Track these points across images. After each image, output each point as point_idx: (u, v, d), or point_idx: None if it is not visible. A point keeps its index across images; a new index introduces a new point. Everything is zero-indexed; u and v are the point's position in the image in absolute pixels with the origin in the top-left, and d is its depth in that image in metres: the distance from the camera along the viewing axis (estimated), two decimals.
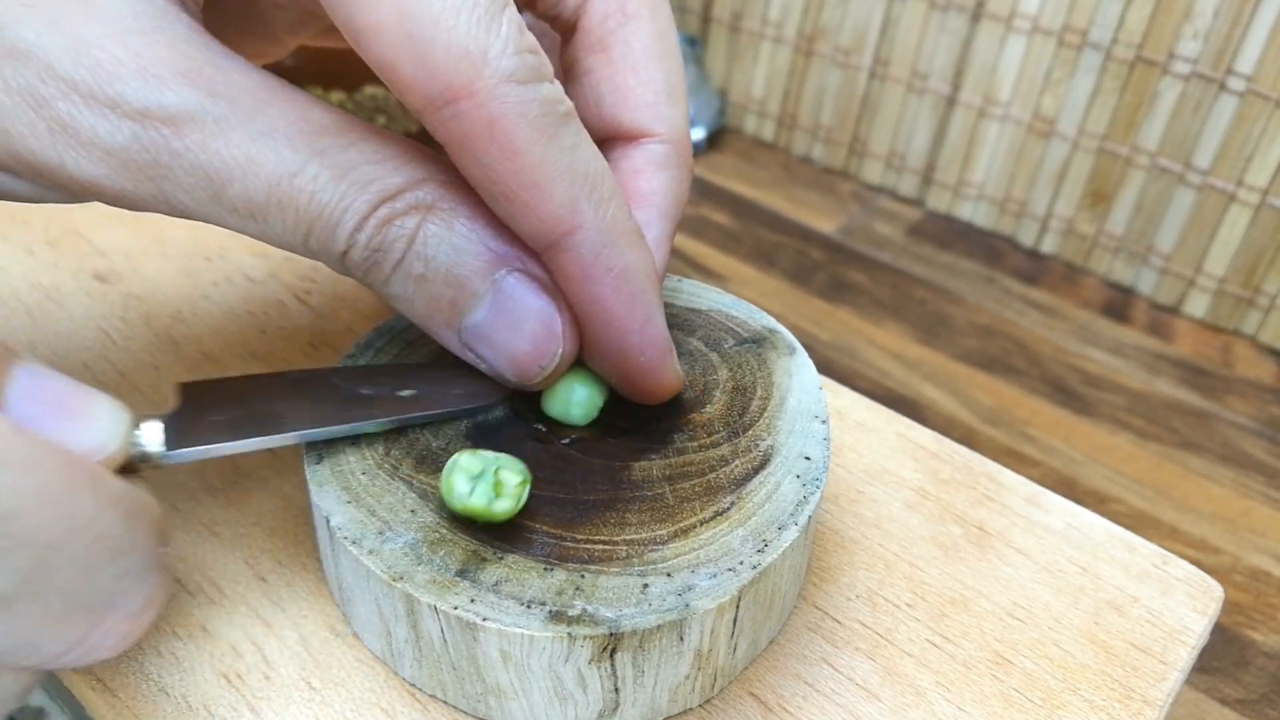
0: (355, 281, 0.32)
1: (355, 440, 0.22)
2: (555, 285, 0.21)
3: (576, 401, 0.22)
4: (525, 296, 0.21)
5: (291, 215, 0.19)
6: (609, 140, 0.24)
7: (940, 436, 0.29)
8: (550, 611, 0.19)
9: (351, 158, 0.19)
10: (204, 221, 0.20)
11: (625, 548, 0.20)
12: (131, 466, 0.19)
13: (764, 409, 0.24)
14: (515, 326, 0.21)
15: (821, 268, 0.65)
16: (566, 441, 0.22)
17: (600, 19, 0.23)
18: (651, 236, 0.23)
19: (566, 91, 0.24)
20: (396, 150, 0.20)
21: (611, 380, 0.23)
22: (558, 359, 0.22)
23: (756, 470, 0.22)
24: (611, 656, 0.19)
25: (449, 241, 0.20)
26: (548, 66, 0.19)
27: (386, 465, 0.22)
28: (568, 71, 0.24)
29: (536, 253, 0.21)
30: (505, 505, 0.20)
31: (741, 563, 0.20)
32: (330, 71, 0.36)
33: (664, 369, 0.22)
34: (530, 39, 0.19)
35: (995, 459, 0.29)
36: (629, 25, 0.23)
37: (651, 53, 0.23)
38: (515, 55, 0.18)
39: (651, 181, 0.23)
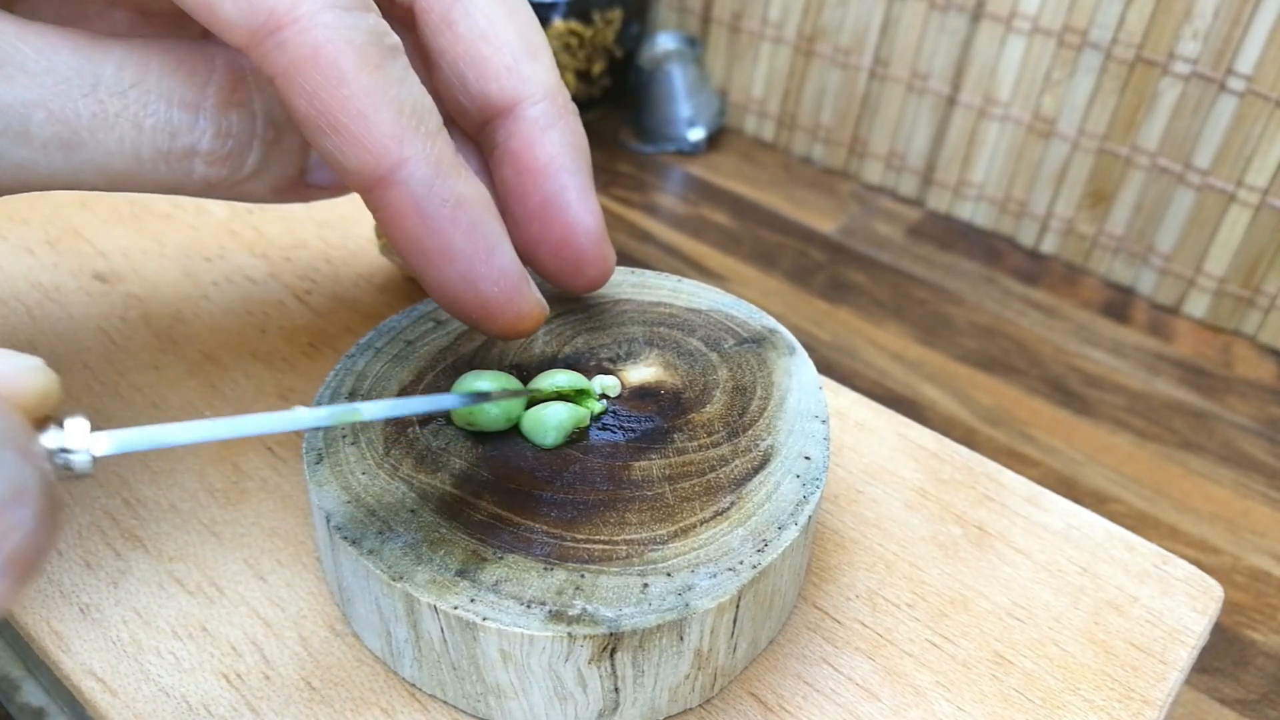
0: (354, 280, 0.32)
1: (355, 439, 0.22)
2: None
3: (554, 425, 0.22)
4: None
5: (116, 126, 0.19)
6: (488, 121, 0.23)
7: (940, 436, 0.29)
8: (550, 611, 0.19)
9: (143, 57, 0.19)
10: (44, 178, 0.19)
11: (625, 547, 0.20)
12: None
13: (764, 409, 0.24)
14: None
15: (822, 268, 0.65)
16: (566, 442, 0.22)
17: None
18: (572, 199, 0.23)
19: (431, 80, 0.24)
20: (181, 45, 0.20)
21: (470, 319, 0.22)
22: None
23: (756, 470, 0.22)
24: (611, 656, 0.19)
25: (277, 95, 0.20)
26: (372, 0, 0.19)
27: (386, 465, 0.22)
28: (425, 62, 0.23)
29: (364, 191, 0.20)
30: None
31: (741, 562, 0.20)
32: None
33: (521, 298, 0.22)
34: None
35: (995, 459, 0.29)
36: None
37: (496, 16, 0.23)
38: None
39: (545, 147, 0.23)
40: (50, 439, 0.16)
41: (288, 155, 0.21)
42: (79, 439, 0.16)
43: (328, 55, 0.18)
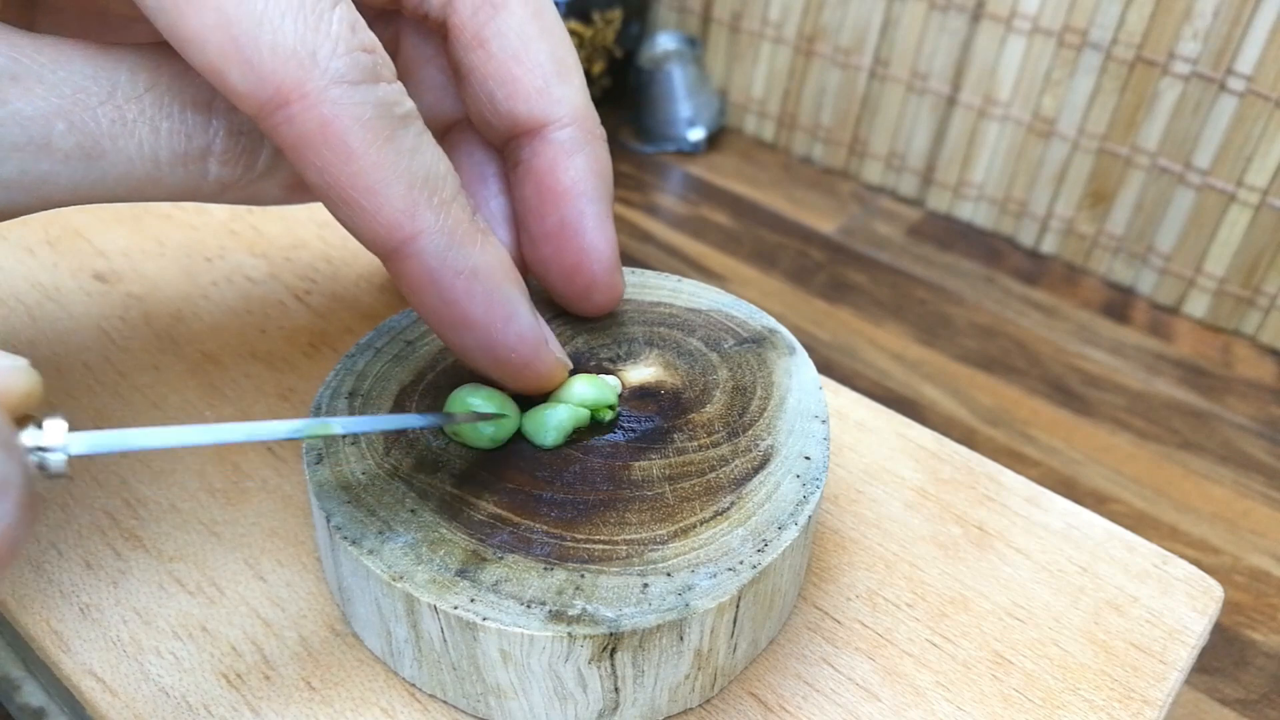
0: (354, 280, 0.32)
1: (355, 440, 0.22)
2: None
3: (554, 425, 0.22)
4: None
5: (135, 131, 0.19)
6: (515, 138, 0.23)
7: (940, 436, 0.29)
8: (550, 611, 0.19)
9: (153, 64, 0.19)
10: (74, 195, 0.19)
11: (625, 547, 0.20)
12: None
13: (764, 409, 0.24)
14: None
15: (822, 268, 0.65)
16: (566, 441, 0.22)
17: (470, 14, 0.22)
18: (589, 225, 0.23)
19: (460, 94, 0.24)
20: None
21: (491, 379, 0.22)
22: None
23: (756, 470, 0.22)
24: (611, 656, 0.19)
25: None
26: (386, 67, 0.19)
27: (386, 465, 0.22)
28: (457, 74, 0.23)
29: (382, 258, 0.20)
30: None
31: (741, 562, 0.20)
32: None
33: (539, 362, 0.22)
34: (366, 37, 0.19)
35: (995, 459, 0.29)
36: (500, 15, 0.22)
37: (529, 36, 0.22)
38: (346, 55, 0.18)
39: (569, 171, 0.23)
40: (29, 437, 0.16)
41: None
42: (56, 438, 0.16)
43: (335, 132, 0.18)
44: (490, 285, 0.20)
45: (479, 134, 0.25)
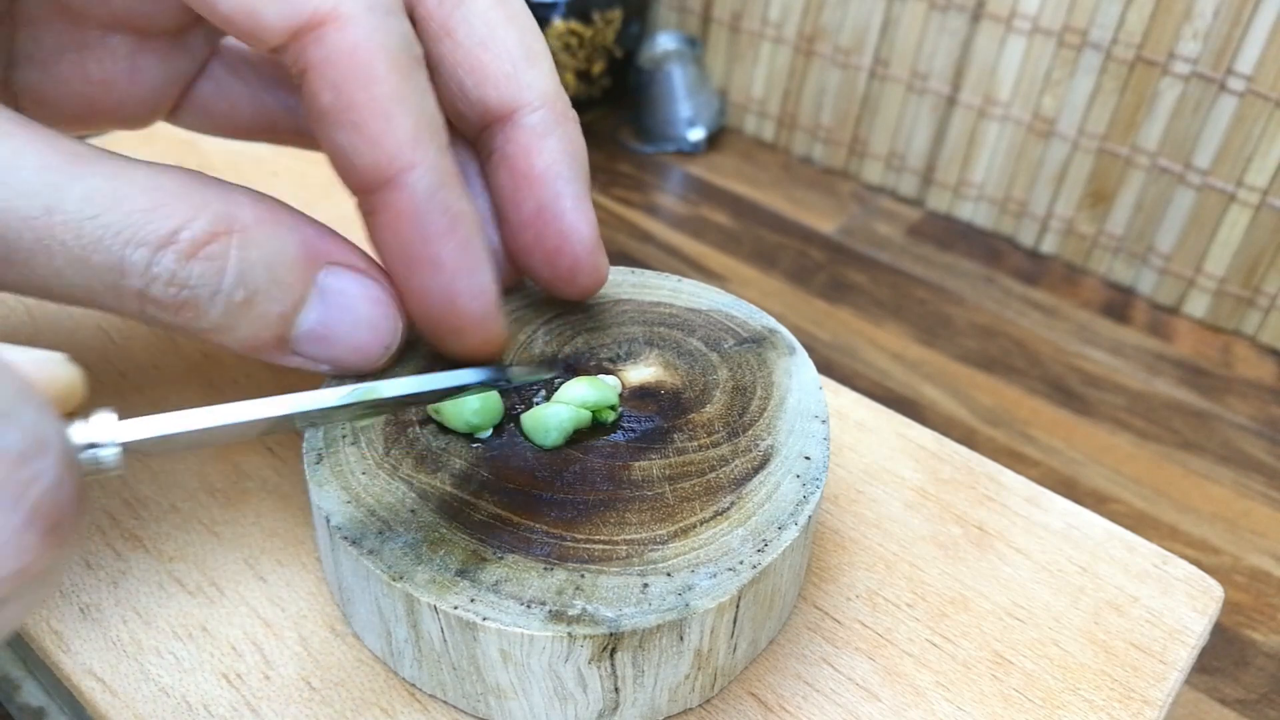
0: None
1: (355, 440, 0.22)
2: (375, 267, 0.21)
3: (554, 425, 0.22)
4: (351, 285, 0.21)
5: (60, 255, 0.18)
6: (487, 127, 0.23)
7: (940, 436, 0.29)
8: (550, 611, 0.19)
9: (120, 188, 0.18)
10: None
11: (625, 547, 0.20)
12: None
13: (764, 409, 0.24)
14: (350, 316, 0.21)
15: (822, 268, 0.65)
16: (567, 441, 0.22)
17: (436, 4, 0.23)
18: (567, 206, 0.23)
19: (435, 89, 0.24)
20: (170, 179, 0.19)
21: (438, 335, 0.22)
22: (399, 335, 0.22)
23: (756, 470, 0.22)
24: (611, 656, 0.19)
25: (262, 258, 0.20)
26: (401, 3, 0.20)
27: (386, 465, 0.22)
28: (428, 68, 0.23)
29: (364, 194, 0.20)
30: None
31: (741, 562, 0.20)
32: None
33: (493, 321, 0.22)
34: None
35: (995, 459, 0.29)
36: (465, 3, 0.23)
37: (495, 22, 0.23)
38: None
39: (542, 156, 0.23)
40: (77, 433, 0.15)
41: (261, 321, 0.20)
42: (106, 431, 0.15)
43: (363, 53, 0.19)
44: (468, 233, 0.21)
45: (459, 135, 0.25)
